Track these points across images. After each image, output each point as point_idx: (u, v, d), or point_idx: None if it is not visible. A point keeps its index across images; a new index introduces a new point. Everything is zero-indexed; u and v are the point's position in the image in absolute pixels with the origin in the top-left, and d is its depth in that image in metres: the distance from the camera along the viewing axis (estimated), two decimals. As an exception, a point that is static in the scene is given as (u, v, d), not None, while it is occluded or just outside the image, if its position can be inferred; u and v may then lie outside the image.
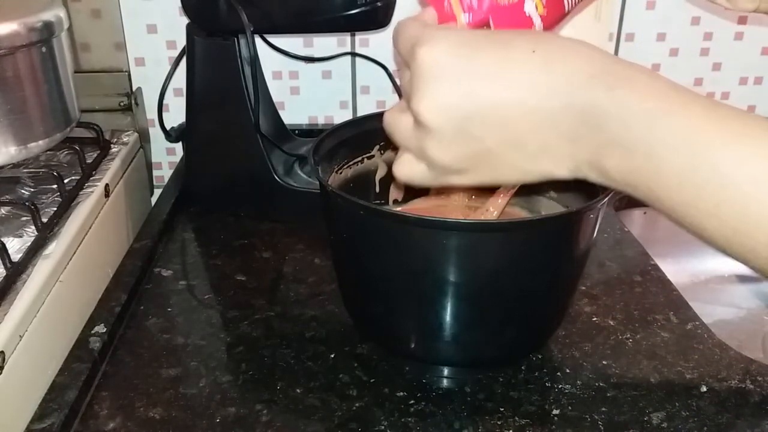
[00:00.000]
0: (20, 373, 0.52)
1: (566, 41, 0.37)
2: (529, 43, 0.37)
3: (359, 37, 0.88)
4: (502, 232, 0.49)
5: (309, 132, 0.90)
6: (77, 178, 0.73)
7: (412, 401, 0.53)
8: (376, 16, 0.71)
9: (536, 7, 0.44)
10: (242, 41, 0.73)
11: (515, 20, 0.44)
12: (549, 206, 0.63)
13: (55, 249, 0.61)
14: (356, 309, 0.59)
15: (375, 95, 0.92)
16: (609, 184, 0.37)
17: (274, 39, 0.84)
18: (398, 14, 0.80)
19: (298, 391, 0.54)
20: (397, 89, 0.87)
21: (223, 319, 0.62)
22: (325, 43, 0.88)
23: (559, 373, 0.56)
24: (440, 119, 0.37)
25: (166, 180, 0.86)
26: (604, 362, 0.57)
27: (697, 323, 0.61)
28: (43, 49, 0.69)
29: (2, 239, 0.58)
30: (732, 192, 0.32)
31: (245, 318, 0.62)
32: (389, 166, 0.65)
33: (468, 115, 0.37)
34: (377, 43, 0.88)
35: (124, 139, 0.84)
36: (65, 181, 0.70)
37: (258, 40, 0.79)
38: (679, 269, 0.83)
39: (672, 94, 0.34)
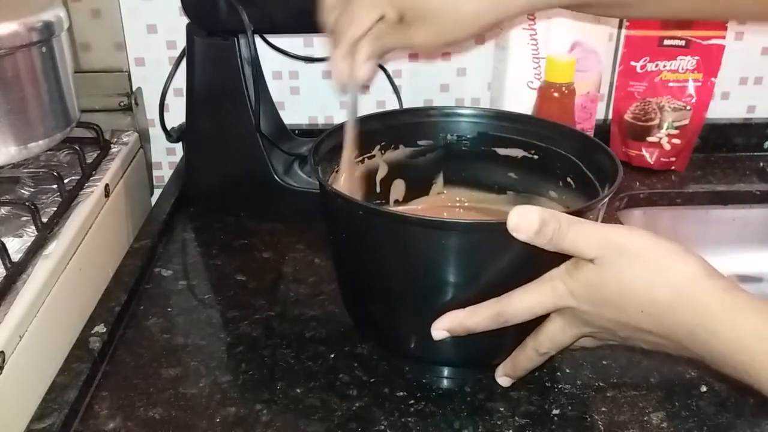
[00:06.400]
0: (20, 373, 0.52)
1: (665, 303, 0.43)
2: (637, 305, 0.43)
3: (359, 37, 0.88)
4: (502, 232, 0.48)
5: (309, 132, 0.90)
6: (77, 178, 0.73)
7: (412, 401, 0.53)
8: (376, 16, 0.71)
9: None
10: (242, 41, 0.73)
11: None
12: (549, 206, 0.62)
13: (55, 249, 0.61)
14: (356, 309, 0.59)
15: (375, 95, 0.92)
16: None
17: (274, 39, 0.84)
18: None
19: (298, 391, 0.54)
20: (396, 90, 0.87)
21: (223, 319, 0.62)
22: (325, 43, 0.88)
23: (559, 373, 0.56)
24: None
25: (166, 180, 0.86)
26: (604, 362, 0.57)
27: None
28: (43, 49, 0.69)
29: (2, 239, 0.58)
30: None
31: (245, 318, 0.62)
32: (390, 166, 0.65)
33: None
34: (377, 43, 0.88)
35: (124, 139, 0.84)
36: (65, 181, 0.70)
37: (258, 40, 0.79)
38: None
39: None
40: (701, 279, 0.42)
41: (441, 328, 0.49)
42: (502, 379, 0.53)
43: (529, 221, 0.44)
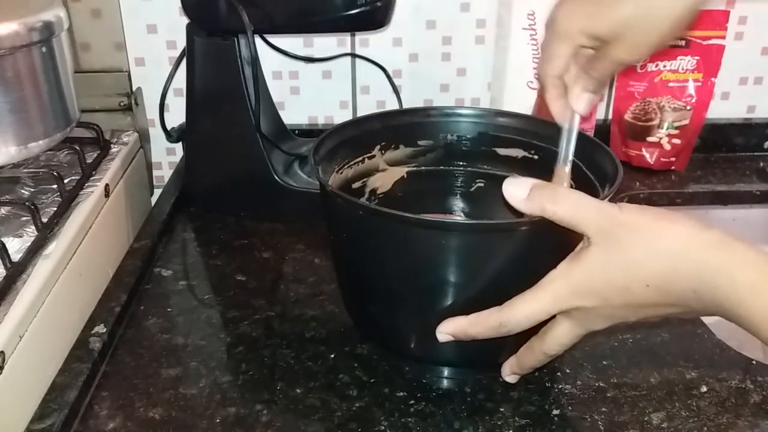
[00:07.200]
0: (20, 373, 0.52)
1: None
2: (641, 281, 0.43)
3: (359, 37, 0.88)
4: (502, 232, 0.49)
5: (309, 132, 0.90)
6: (77, 178, 0.73)
7: (412, 401, 0.53)
8: (376, 16, 0.71)
9: None
10: (242, 41, 0.73)
11: None
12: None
13: (55, 249, 0.61)
14: (356, 309, 0.59)
15: (375, 95, 0.92)
16: None
17: (274, 39, 0.84)
18: (398, 14, 0.81)
19: (298, 391, 0.54)
20: (396, 90, 0.87)
21: (223, 319, 0.62)
22: (325, 43, 0.88)
23: (559, 373, 0.56)
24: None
25: (166, 180, 0.86)
26: (604, 362, 0.57)
27: (697, 323, 0.61)
28: (43, 49, 0.69)
29: (2, 239, 0.58)
30: None
31: (245, 318, 0.62)
32: (390, 165, 0.65)
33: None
34: (377, 43, 0.88)
35: (124, 139, 0.84)
36: (65, 181, 0.70)
37: (258, 40, 0.79)
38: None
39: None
40: (695, 236, 0.42)
41: (445, 332, 0.49)
42: (510, 377, 0.53)
43: (521, 183, 0.46)
